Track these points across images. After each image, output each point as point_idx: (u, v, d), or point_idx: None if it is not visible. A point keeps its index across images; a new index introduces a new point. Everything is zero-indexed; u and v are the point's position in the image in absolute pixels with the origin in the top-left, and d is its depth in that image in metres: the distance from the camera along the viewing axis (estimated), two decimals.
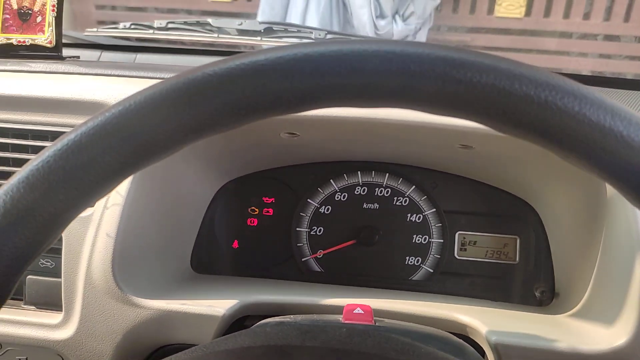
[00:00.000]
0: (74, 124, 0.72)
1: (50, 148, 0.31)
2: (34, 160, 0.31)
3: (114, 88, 0.72)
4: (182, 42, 1.28)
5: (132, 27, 1.21)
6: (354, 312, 0.60)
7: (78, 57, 0.86)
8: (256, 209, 0.90)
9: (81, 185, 0.31)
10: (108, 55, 1.17)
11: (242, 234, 0.90)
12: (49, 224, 0.31)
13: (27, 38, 0.80)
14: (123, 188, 0.66)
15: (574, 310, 0.69)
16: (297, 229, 0.89)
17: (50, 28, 0.79)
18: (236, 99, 0.31)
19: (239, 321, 0.71)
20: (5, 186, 0.31)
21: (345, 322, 0.57)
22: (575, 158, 0.30)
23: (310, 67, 0.30)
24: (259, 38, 1.07)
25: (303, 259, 0.89)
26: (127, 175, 0.33)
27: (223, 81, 0.30)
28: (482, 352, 0.65)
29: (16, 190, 0.30)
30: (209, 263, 0.87)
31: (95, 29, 1.20)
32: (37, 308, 0.72)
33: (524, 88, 0.29)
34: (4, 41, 0.80)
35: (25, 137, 0.73)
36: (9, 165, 0.73)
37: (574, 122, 0.29)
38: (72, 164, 0.31)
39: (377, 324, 0.58)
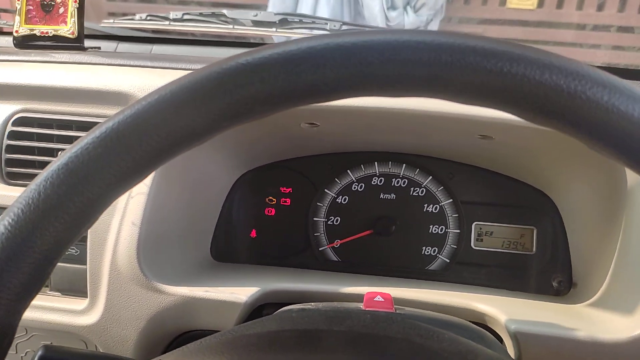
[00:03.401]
0: (98, 114, 0.73)
1: (89, 135, 0.32)
2: (73, 148, 0.32)
3: (137, 78, 0.73)
4: (197, 34, 1.29)
5: (148, 18, 1.22)
6: (375, 299, 0.60)
7: (99, 47, 0.87)
8: (274, 199, 0.91)
9: (119, 171, 0.32)
10: (124, 47, 1.18)
11: (260, 224, 0.91)
12: (88, 208, 0.32)
13: (49, 29, 0.81)
14: (148, 177, 0.67)
15: (592, 300, 0.69)
16: (314, 218, 0.90)
17: (73, 19, 0.80)
18: (270, 88, 0.31)
19: (258, 309, 0.72)
20: (44, 173, 0.31)
21: (367, 309, 0.58)
22: (604, 148, 0.30)
23: (342, 57, 0.31)
24: (273, 29, 1.08)
25: (320, 249, 0.90)
26: (163, 162, 0.34)
27: (256, 70, 0.31)
28: (500, 341, 0.66)
29: (56, 176, 0.31)
30: (227, 252, 0.89)
31: (111, 20, 1.21)
32: (62, 294, 0.74)
33: (554, 77, 0.29)
34: (28, 32, 0.81)
35: (50, 127, 0.74)
36: (34, 154, 0.74)
37: (602, 112, 0.29)
38: (110, 150, 0.31)
39: (397, 311, 0.59)
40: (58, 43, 0.81)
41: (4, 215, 0.31)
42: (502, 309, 0.66)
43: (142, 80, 0.73)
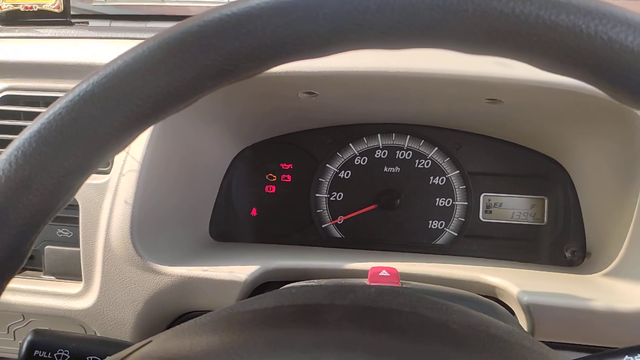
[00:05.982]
0: None
1: (62, 99, 0.29)
2: (45, 113, 0.29)
3: None
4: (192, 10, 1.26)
5: None
6: (380, 274, 0.58)
7: (87, 22, 0.84)
8: (274, 176, 0.88)
9: (96, 138, 0.29)
10: (118, 25, 1.14)
11: (260, 202, 0.88)
12: (64, 179, 0.29)
13: (34, 4, 0.77)
14: (138, 153, 0.64)
15: (608, 269, 0.66)
16: (316, 195, 0.87)
17: None
18: (256, 42, 0.28)
19: (259, 288, 0.70)
20: (16, 141, 0.28)
21: (372, 284, 0.56)
22: (628, 95, 0.27)
23: (337, 4, 0.27)
24: None
25: (323, 226, 0.87)
26: (144, 127, 0.30)
27: (242, 22, 0.28)
28: (512, 314, 0.63)
29: (27, 144, 0.28)
30: (227, 231, 0.86)
31: None
32: (57, 278, 0.71)
33: (572, 17, 0.26)
34: (11, 7, 0.78)
35: (37, 105, 0.71)
36: None
37: (627, 54, 0.26)
38: (85, 115, 0.29)
39: (403, 286, 0.56)
40: (43, 18, 0.78)
41: None
42: (513, 281, 0.63)
43: None
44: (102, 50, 0.72)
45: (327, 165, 0.87)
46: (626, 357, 0.46)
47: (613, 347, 0.46)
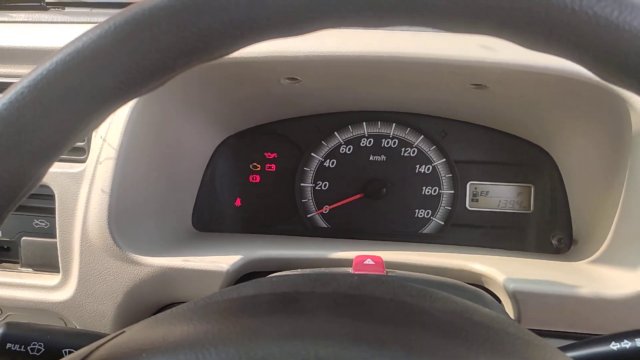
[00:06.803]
0: None
1: (24, 79, 0.28)
2: (7, 93, 0.28)
3: None
4: None
5: None
6: (364, 263, 0.57)
7: (63, 7, 0.81)
8: (258, 165, 0.87)
9: (60, 120, 0.27)
10: (99, 11, 1.12)
11: (244, 192, 0.87)
12: (28, 164, 0.28)
13: None
14: (115, 140, 0.62)
15: (594, 256, 0.66)
16: (302, 184, 0.86)
17: None
18: (229, 17, 0.27)
19: (244, 279, 0.68)
20: None
21: (356, 272, 0.54)
22: (613, 73, 0.26)
23: None
24: None
25: (308, 215, 0.86)
26: (111, 109, 0.29)
27: None
28: (499, 302, 0.62)
29: None
30: (211, 221, 0.84)
31: None
32: (35, 270, 0.70)
33: None
34: None
35: None
36: None
37: (613, 30, 0.25)
38: (48, 95, 0.27)
39: (388, 274, 0.55)
40: (16, 3, 0.75)
41: None
42: (499, 269, 0.62)
43: None
44: (78, 34, 0.69)
45: (312, 154, 0.86)
46: (612, 343, 0.46)
47: (599, 334, 0.46)
